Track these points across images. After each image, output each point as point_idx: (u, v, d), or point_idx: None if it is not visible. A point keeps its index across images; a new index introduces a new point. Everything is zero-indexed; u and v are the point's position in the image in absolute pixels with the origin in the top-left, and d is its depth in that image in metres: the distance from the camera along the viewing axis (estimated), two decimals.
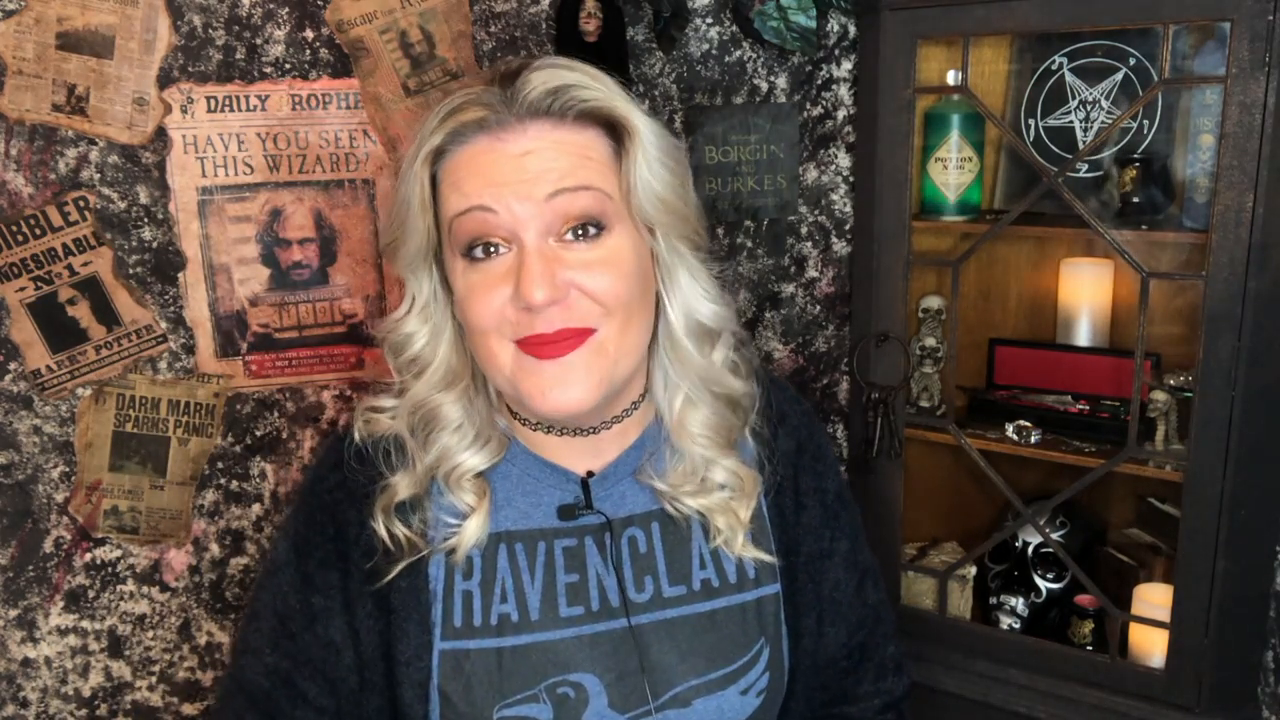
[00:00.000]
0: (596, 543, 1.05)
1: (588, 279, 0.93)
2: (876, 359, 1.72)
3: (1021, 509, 1.66)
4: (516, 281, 0.92)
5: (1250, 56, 1.35)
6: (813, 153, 1.81)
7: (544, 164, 0.92)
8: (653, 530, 1.06)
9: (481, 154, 0.93)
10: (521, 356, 0.95)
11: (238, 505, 1.61)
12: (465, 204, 0.93)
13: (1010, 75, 1.80)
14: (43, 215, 1.45)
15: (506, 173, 0.92)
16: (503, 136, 0.93)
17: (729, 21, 1.71)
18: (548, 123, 0.93)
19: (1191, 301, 1.59)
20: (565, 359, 0.94)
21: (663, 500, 1.06)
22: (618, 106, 0.95)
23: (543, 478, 1.05)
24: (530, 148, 0.92)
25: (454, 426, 1.02)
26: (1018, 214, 1.61)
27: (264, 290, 1.56)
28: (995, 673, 1.67)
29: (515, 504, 1.05)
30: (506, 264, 0.94)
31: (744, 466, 1.08)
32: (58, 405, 1.51)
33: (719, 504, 1.06)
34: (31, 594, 1.53)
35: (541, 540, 1.04)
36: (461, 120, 0.93)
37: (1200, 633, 1.51)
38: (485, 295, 0.94)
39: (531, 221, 0.92)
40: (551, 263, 0.92)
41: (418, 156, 0.95)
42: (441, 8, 1.55)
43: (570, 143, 0.94)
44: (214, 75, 1.49)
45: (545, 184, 0.92)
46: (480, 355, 0.99)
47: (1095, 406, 1.71)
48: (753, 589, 1.07)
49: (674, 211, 0.99)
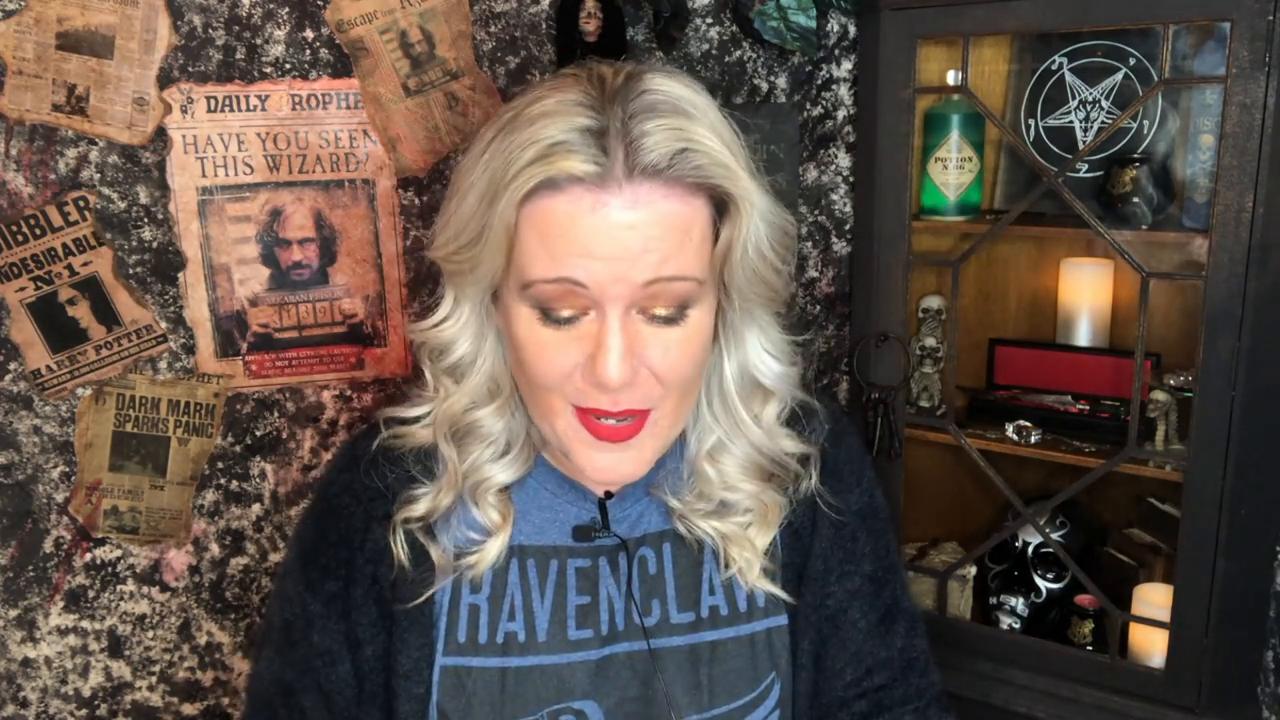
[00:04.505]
0: (610, 564, 1.00)
1: (661, 360, 0.86)
2: (876, 359, 1.72)
3: (1021, 509, 1.66)
4: (592, 354, 0.84)
5: (1250, 56, 1.35)
6: (813, 153, 1.81)
7: (647, 243, 0.82)
8: (664, 551, 1.01)
9: (581, 215, 0.81)
10: (579, 426, 0.89)
11: (238, 505, 1.61)
12: (552, 272, 0.83)
13: (1010, 75, 1.80)
14: (43, 215, 1.45)
15: (604, 245, 0.81)
16: (606, 199, 0.81)
17: (729, 21, 1.71)
18: (659, 188, 0.82)
19: (1191, 301, 1.59)
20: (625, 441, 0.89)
21: (673, 519, 1.00)
22: (739, 182, 0.85)
23: (560, 493, 1.00)
24: (636, 220, 0.81)
25: (489, 440, 0.97)
26: (1018, 214, 1.60)
27: (264, 290, 1.56)
28: (995, 673, 1.67)
29: (530, 518, 1.00)
30: (583, 329, 0.85)
31: (769, 492, 1.00)
32: (58, 405, 1.51)
33: (735, 532, 0.98)
34: (31, 594, 1.53)
35: (555, 559, 0.99)
36: (564, 171, 0.80)
37: (1200, 633, 1.51)
38: (554, 356, 0.86)
39: (620, 300, 0.83)
40: (633, 343, 0.85)
41: (503, 192, 0.82)
42: (441, 8, 1.55)
43: (677, 216, 0.83)
44: (214, 75, 1.49)
45: (645, 268, 0.82)
46: (533, 401, 0.92)
47: (1095, 406, 1.71)
48: (761, 619, 1.01)
49: (765, 284, 0.91)
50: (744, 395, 0.96)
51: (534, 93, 0.87)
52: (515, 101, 0.88)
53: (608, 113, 0.82)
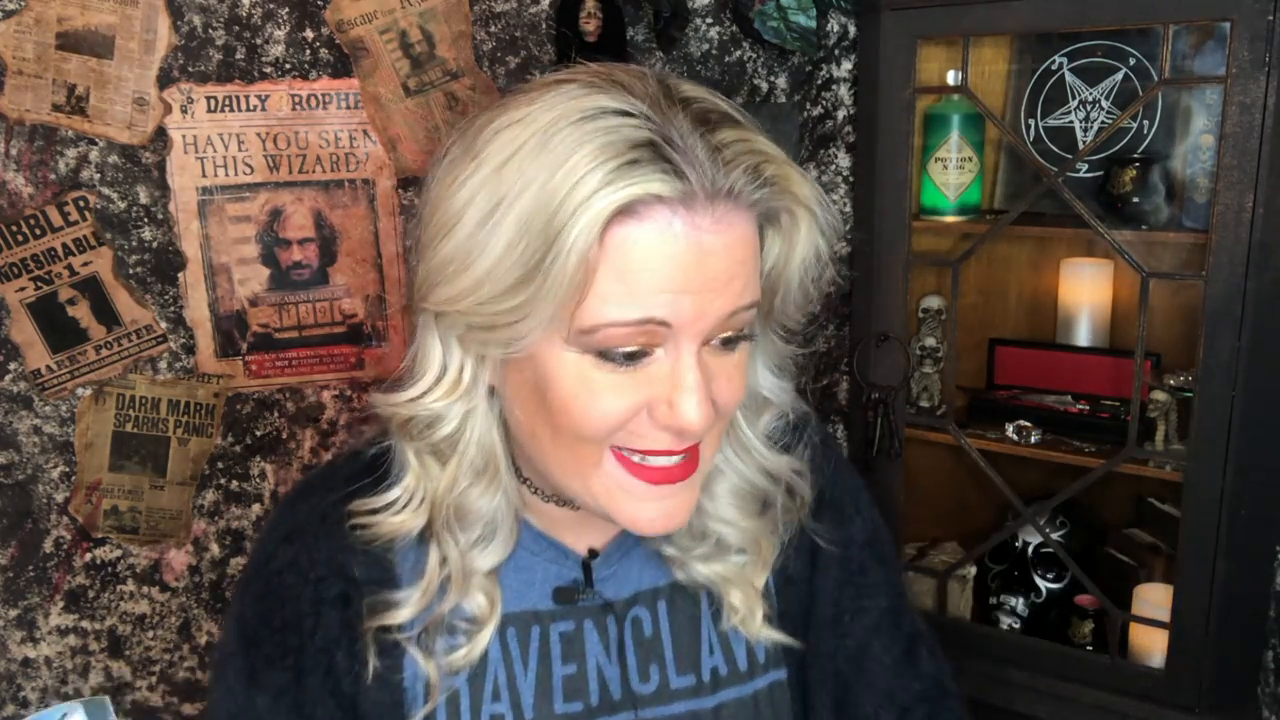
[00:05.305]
0: (598, 627, 0.89)
1: (725, 390, 0.76)
2: (876, 359, 1.72)
3: (1021, 509, 1.66)
4: (666, 397, 0.73)
5: (1250, 56, 1.35)
6: (813, 153, 1.81)
7: (733, 269, 0.72)
8: (659, 610, 0.91)
9: (666, 244, 0.69)
10: (622, 474, 0.76)
11: (238, 505, 1.61)
12: (634, 313, 0.70)
13: (1010, 75, 1.80)
14: (43, 215, 1.45)
15: (692, 277, 0.70)
16: (693, 221, 0.69)
17: (729, 21, 1.71)
18: (733, 208, 0.71)
19: (1191, 301, 1.59)
20: (675, 485, 0.77)
21: (672, 566, 0.90)
22: (805, 196, 0.75)
23: (539, 551, 0.88)
24: (722, 245, 0.71)
25: (479, 522, 0.83)
26: (1018, 214, 1.61)
27: (264, 290, 1.56)
28: (995, 673, 1.67)
29: (507, 581, 0.87)
30: (651, 369, 0.73)
31: (765, 532, 0.91)
32: (58, 405, 1.51)
33: (735, 573, 0.89)
34: (31, 594, 1.53)
35: (536, 624, 0.88)
36: (643, 191, 0.67)
37: (1200, 633, 1.51)
38: (613, 401, 0.73)
39: (700, 336, 0.72)
40: (707, 378, 0.74)
41: (574, 219, 0.67)
42: (441, 8, 1.55)
43: (746, 238, 0.73)
44: (214, 75, 1.49)
45: (729, 298, 0.72)
46: (560, 459, 0.78)
47: (1095, 406, 1.71)
48: (763, 674, 0.92)
49: (801, 304, 0.82)
50: (748, 412, 0.88)
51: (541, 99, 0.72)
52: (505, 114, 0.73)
53: (666, 123, 0.69)
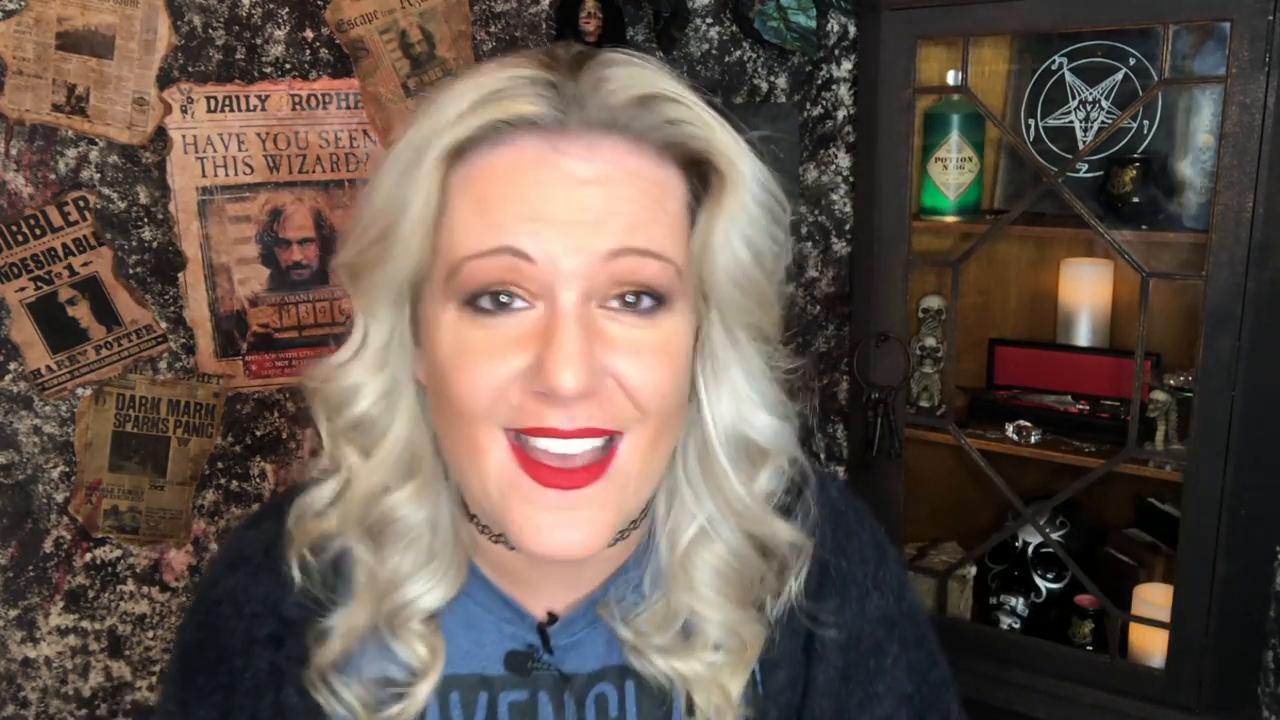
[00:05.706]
0: (553, 701, 0.77)
1: (634, 369, 0.65)
2: (876, 359, 1.72)
3: (1021, 509, 1.66)
4: (539, 355, 0.63)
5: (1250, 56, 1.35)
6: (813, 153, 1.81)
7: (613, 203, 0.64)
8: (626, 690, 0.78)
9: (528, 168, 0.64)
10: (514, 468, 0.66)
11: (238, 505, 1.61)
12: (492, 241, 0.64)
13: (1010, 75, 1.80)
14: (43, 215, 1.45)
15: (559, 205, 0.64)
16: (562, 147, 0.64)
17: (729, 21, 1.71)
18: (624, 143, 0.66)
19: (1191, 301, 1.59)
20: (579, 491, 0.66)
21: (627, 653, 0.76)
22: (723, 143, 0.69)
23: (492, 608, 0.77)
24: (596, 174, 0.64)
25: (409, 539, 0.72)
26: (1018, 214, 1.61)
27: (264, 290, 1.56)
28: (995, 673, 1.67)
29: (455, 639, 0.76)
30: (525, 325, 0.65)
31: (750, 623, 0.75)
32: (58, 405, 1.51)
33: (701, 673, 0.75)
34: (31, 594, 1.53)
35: (484, 690, 0.77)
36: (507, 111, 0.63)
37: (1200, 633, 1.51)
38: (485, 364, 0.65)
39: (578, 279, 0.64)
40: (593, 339, 0.64)
41: (429, 149, 0.64)
42: (441, 8, 1.55)
43: (649, 180, 0.66)
44: (214, 75, 1.49)
45: (610, 234, 0.64)
46: (457, 448, 0.69)
47: (1095, 406, 1.71)
48: None
49: (753, 294, 0.71)
50: (734, 458, 0.74)
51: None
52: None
53: (558, 70, 0.66)
